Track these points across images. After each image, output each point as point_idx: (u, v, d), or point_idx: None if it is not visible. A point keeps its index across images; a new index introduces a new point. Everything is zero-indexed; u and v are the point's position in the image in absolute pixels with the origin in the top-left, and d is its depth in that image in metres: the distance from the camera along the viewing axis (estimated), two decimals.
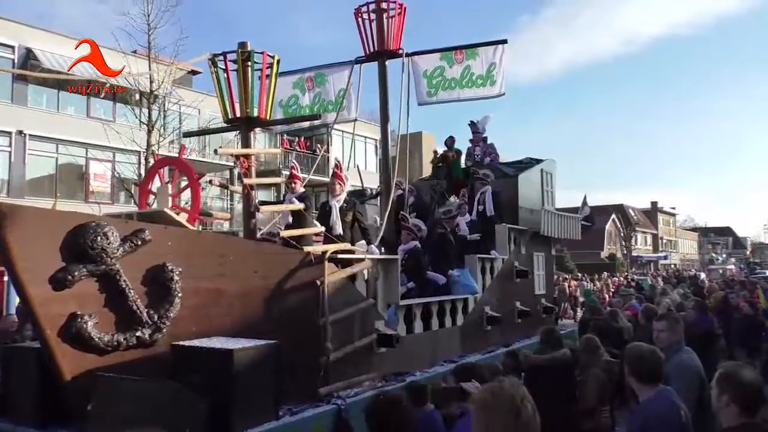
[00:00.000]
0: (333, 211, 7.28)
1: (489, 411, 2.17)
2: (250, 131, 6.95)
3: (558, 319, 25.43)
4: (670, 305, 9.77)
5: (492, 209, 10.29)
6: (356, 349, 6.37)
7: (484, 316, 9.39)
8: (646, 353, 3.73)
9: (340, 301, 6.27)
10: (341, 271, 6.32)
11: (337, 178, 7.39)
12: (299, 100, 9.53)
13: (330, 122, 9.50)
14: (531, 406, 2.18)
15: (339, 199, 7.39)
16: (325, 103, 9.44)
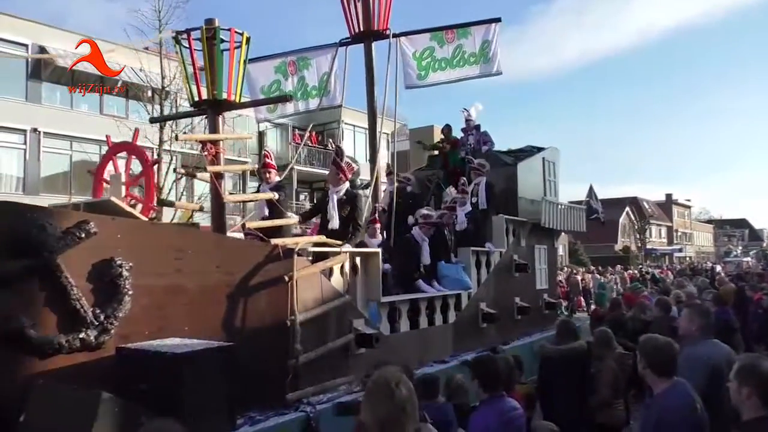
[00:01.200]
0: (330, 204, 6.75)
1: (371, 395, 2.48)
2: (219, 115, 6.48)
3: (572, 312, 25.08)
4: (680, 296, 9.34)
5: (485, 201, 9.73)
6: (331, 351, 5.87)
7: (480, 312, 8.84)
8: (662, 345, 3.68)
9: (313, 299, 5.77)
10: (313, 266, 5.82)
11: (337, 168, 6.86)
12: (282, 85, 9.02)
13: (313, 109, 8.98)
14: (406, 389, 2.43)
15: (338, 191, 6.87)
16: (309, 89, 8.93)
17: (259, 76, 9.12)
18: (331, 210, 6.68)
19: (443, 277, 8.09)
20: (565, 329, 6.01)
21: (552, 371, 5.64)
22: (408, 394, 2.41)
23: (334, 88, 8.88)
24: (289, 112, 9.20)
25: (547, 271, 11.57)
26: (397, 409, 2.37)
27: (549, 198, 11.34)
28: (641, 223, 64.40)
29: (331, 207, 6.69)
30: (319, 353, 5.70)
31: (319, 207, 6.89)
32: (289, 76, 9.03)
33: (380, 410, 2.39)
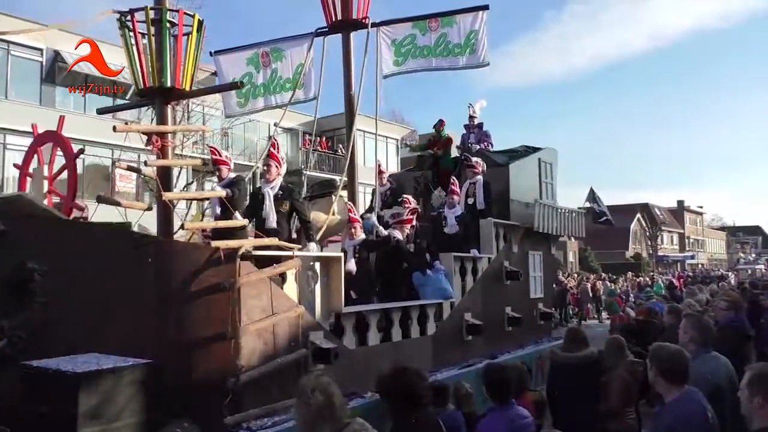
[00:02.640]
0: (266, 201, 6.11)
1: (297, 401, 2.69)
2: (167, 104, 5.89)
3: (582, 320, 24.38)
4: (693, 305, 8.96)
5: (483, 202, 9.09)
6: (281, 367, 5.22)
7: (464, 324, 8.16)
8: (673, 353, 3.65)
9: (260, 308, 5.13)
10: (260, 272, 5.19)
11: (273, 159, 6.23)
12: (254, 78, 8.43)
13: (287, 103, 8.36)
14: (323, 395, 2.56)
15: (273, 186, 6.22)
16: (282, 81, 8.33)
17: (230, 68, 8.56)
18: (267, 208, 6.05)
19: (422, 286, 7.43)
20: (574, 337, 5.95)
21: (562, 379, 5.63)
22: (324, 400, 2.52)
23: (310, 80, 8.27)
24: (259, 106, 8.60)
25: (543, 278, 10.85)
26: (313, 414, 2.50)
27: (545, 201, 10.64)
28: (653, 230, 63.53)
29: (268, 204, 6.06)
30: (267, 370, 5.06)
31: (253, 206, 6.25)
32: (262, 68, 8.44)
33: (299, 415, 2.61)
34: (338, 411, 2.60)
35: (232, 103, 8.65)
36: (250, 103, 8.57)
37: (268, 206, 6.08)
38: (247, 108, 8.62)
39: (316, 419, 2.54)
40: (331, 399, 2.58)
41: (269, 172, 6.20)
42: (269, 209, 6.08)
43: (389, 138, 33.41)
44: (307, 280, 5.73)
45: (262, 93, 8.38)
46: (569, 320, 23.67)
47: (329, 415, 2.55)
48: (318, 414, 2.54)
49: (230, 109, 8.78)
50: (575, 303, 25.97)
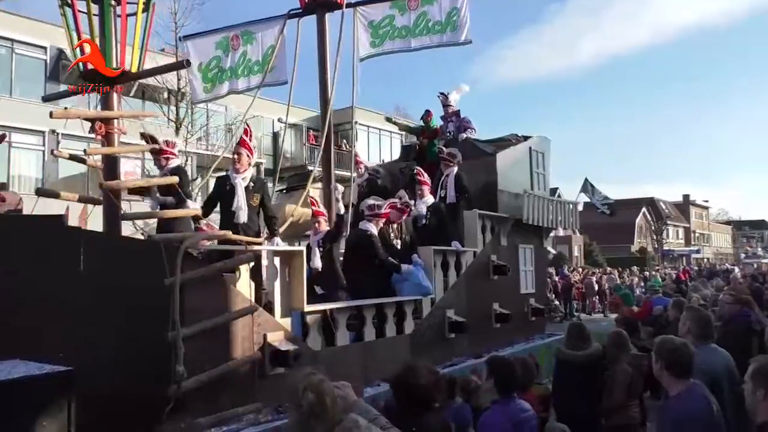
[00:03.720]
0: (237, 192, 5.65)
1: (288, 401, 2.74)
2: (112, 88, 5.45)
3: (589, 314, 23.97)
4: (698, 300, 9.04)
5: (453, 195, 8.59)
6: (233, 372, 4.78)
7: (446, 321, 7.70)
8: (678, 347, 3.65)
9: (208, 308, 4.69)
10: (207, 268, 4.75)
11: (244, 147, 5.78)
12: (221, 62, 7.98)
13: (255, 86, 7.90)
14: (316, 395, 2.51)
15: (245, 177, 5.77)
16: (251, 64, 7.87)
17: (198, 53, 8.13)
18: (239, 200, 5.59)
19: (398, 282, 6.98)
20: (577, 333, 5.93)
21: (568, 375, 5.66)
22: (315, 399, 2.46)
23: (282, 63, 7.80)
24: (223, 92, 8.14)
25: (534, 273, 10.38)
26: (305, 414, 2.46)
27: (536, 192, 10.16)
28: (658, 224, 62.95)
29: (240, 197, 5.60)
30: (215, 376, 4.62)
31: (218, 197, 5.78)
32: (231, 51, 7.98)
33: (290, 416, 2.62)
34: (330, 410, 2.52)
35: (198, 90, 8.20)
36: (216, 89, 8.13)
37: (240, 199, 5.63)
38: (213, 94, 8.18)
39: (308, 419, 2.48)
40: (322, 398, 2.52)
41: (240, 161, 5.75)
42: (241, 202, 5.63)
43: (393, 133, 32.89)
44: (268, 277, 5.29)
45: (228, 77, 7.94)
46: (574, 315, 23.45)
47: (321, 415, 2.49)
48: (310, 414, 2.48)
49: (196, 95, 8.34)
50: (580, 297, 25.64)
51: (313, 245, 6.52)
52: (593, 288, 25.99)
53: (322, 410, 2.51)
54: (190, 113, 20.40)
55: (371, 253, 6.55)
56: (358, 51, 7.80)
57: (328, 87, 7.72)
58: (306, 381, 2.56)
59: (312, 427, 2.48)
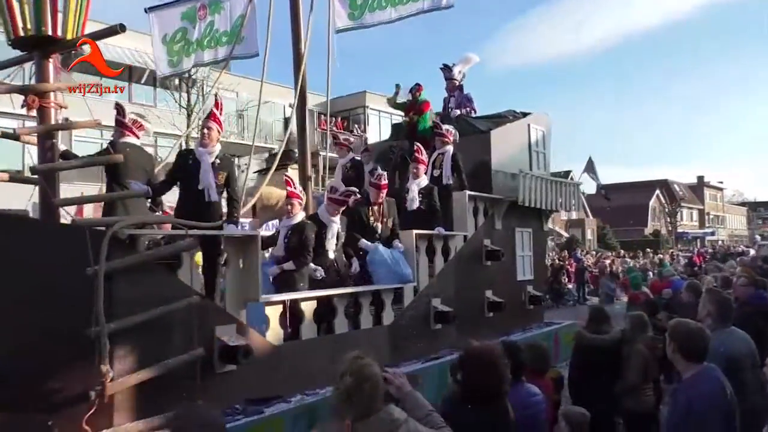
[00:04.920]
0: (203, 168, 5.10)
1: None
2: (48, 57, 4.90)
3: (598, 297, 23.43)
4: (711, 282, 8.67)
5: (450, 175, 8.01)
6: (170, 371, 4.26)
7: (432, 311, 7.14)
8: (693, 330, 3.63)
9: (143, 300, 4.16)
10: (139, 255, 4.22)
11: (214, 121, 5.22)
12: (188, 33, 7.39)
13: (222, 58, 7.31)
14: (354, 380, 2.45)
15: (211, 152, 5.21)
16: (219, 35, 7.28)
17: (163, 25, 7.57)
18: (206, 178, 5.03)
19: (373, 268, 6.42)
20: (598, 316, 5.83)
21: (587, 360, 5.55)
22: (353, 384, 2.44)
23: (252, 34, 7.20)
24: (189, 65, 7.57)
25: (533, 258, 9.77)
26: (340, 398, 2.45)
27: (535, 172, 9.52)
28: (672, 206, 61.88)
29: (207, 172, 5.04)
30: (148, 375, 4.10)
31: (179, 174, 5.22)
32: (197, 22, 7.40)
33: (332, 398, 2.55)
34: (367, 397, 2.45)
35: (162, 63, 7.64)
36: (182, 62, 7.57)
37: (207, 176, 5.07)
38: (179, 68, 7.62)
39: (343, 403, 2.45)
40: (361, 383, 2.46)
41: (209, 136, 5.19)
42: (210, 179, 5.07)
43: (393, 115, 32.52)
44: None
45: (194, 49, 7.36)
46: (587, 298, 22.96)
47: (357, 401, 2.44)
48: (346, 398, 2.44)
49: (161, 69, 7.77)
50: (593, 281, 25.12)
51: (281, 231, 5.96)
52: (606, 271, 25.40)
53: (359, 396, 2.44)
54: (202, 100, 20.35)
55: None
56: (334, 22, 7.17)
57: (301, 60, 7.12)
58: (348, 364, 2.50)
59: (346, 412, 2.44)
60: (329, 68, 7.44)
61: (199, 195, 5.10)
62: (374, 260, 6.34)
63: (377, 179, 6.78)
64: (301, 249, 5.77)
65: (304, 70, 7.06)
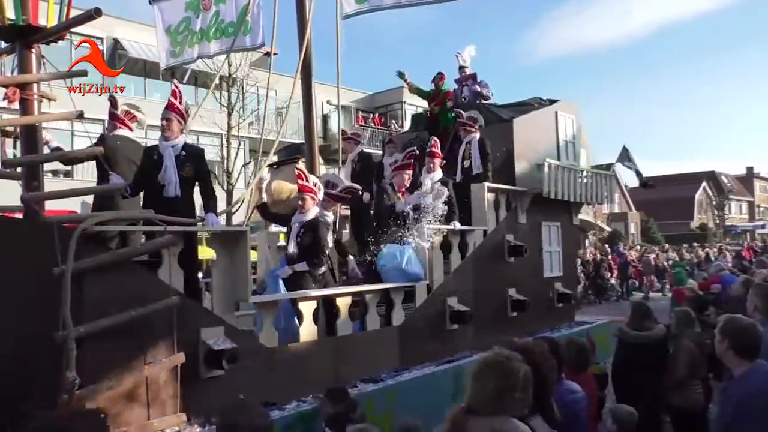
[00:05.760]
0: (165, 162, 4.83)
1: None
2: (29, 47, 4.68)
3: (645, 293, 22.66)
4: (765, 276, 8.17)
5: (480, 164, 7.60)
6: (147, 378, 3.98)
7: (447, 311, 6.73)
8: (746, 326, 3.52)
9: (117, 301, 3.88)
10: (113, 254, 3.94)
11: (173, 111, 4.93)
12: (192, 24, 7.14)
13: (227, 50, 7.03)
14: (498, 377, 2.41)
15: (175, 144, 4.93)
16: (224, 26, 7.00)
17: (168, 16, 7.35)
18: (167, 172, 4.74)
19: (383, 267, 6.05)
20: (640, 311, 5.75)
21: (631, 357, 5.50)
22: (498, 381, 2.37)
23: (258, 24, 6.89)
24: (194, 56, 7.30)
25: (561, 254, 9.23)
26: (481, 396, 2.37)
27: (563, 162, 8.97)
28: (719, 199, 59.65)
29: (169, 167, 4.75)
30: (122, 383, 3.82)
31: (146, 170, 4.94)
32: (202, 12, 7.14)
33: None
34: (506, 398, 2.37)
35: (165, 54, 7.42)
36: (186, 53, 7.32)
37: (168, 170, 4.79)
38: (183, 58, 7.37)
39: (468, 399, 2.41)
40: (501, 381, 2.39)
41: (169, 128, 4.90)
42: (171, 174, 4.79)
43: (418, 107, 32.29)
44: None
45: (199, 39, 7.11)
46: (631, 294, 22.43)
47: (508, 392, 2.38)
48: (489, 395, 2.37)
49: (164, 60, 7.55)
50: (637, 276, 24.33)
51: (293, 227, 5.64)
52: (651, 266, 24.70)
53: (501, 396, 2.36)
54: (242, 98, 20.52)
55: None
56: (341, 7, 6.81)
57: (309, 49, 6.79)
58: (488, 359, 2.44)
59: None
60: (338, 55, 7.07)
61: (160, 191, 4.81)
62: (385, 266, 5.97)
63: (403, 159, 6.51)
64: (315, 249, 5.46)
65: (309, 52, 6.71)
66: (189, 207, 4.86)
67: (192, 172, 4.86)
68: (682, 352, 5.39)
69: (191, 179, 4.88)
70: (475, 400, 2.38)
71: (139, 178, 4.88)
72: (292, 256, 5.71)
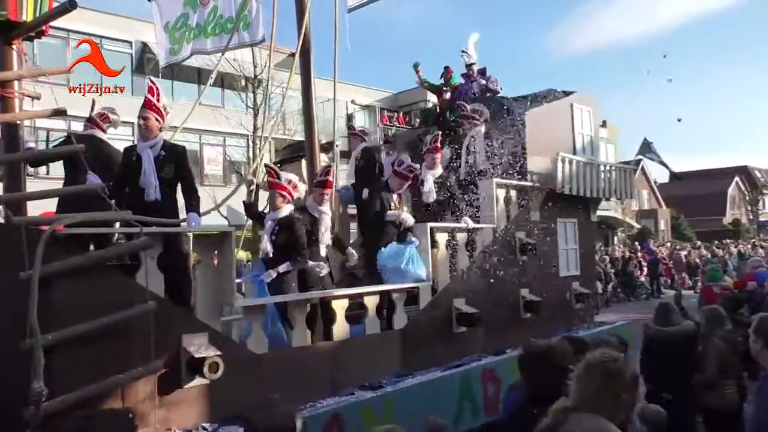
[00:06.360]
0: (144, 164, 4.63)
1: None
2: (10, 43, 4.55)
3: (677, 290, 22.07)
4: None
5: (485, 159, 7.31)
6: (120, 389, 3.77)
7: (453, 313, 6.43)
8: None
9: (89, 307, 3.69)
10: (85, 257, 3.75)
11: (151, 109, 4.73)
12: (189, 19, 6.96)
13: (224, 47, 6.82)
14: (601, 377, 2.36)
15: (154, 144, 4.73)
16: (223, 21, 6.80)
17: (165, 12, 7.18)
18: (146, 174, 4.54)
19: (383, 268, 5.79)
20: (663, 308, 5.71)
21: (657, 353, 5.47)
22: (600, 380, 2.34)
23: (257, 19, 6.69)
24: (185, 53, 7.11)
25: (579, 252, 8.85)
26: (582, 394, 2.36)
27: (578, 157, 8.59)
28: (753, 194, 57.98)
29: (148, 169, 4.55)
30: (93, 394, 3.63)
31: (126, 173, 4.74)
32: (199, 6, 6.96)
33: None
34: (609, 399, 2.32)
35: (164, 52, 7.26)
36: (184, 50, 7.15)
37: (147, 173, 4.60)
38: (180, 56, 7.20)
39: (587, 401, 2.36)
40: (604, 382, 2.34)
41: (147, 127, 4.70)
42: (150, 177, 4.60)
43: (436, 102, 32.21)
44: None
45: (196, 35, 6.92)
46: (662, 292, 21.70)
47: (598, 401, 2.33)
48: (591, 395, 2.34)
49: (162, 58, 7.38)
50: (668, 273, 23.70)
51: (266, 225, 5.41)
52: (682, 263, 24.06)
53: (602, 395, 2.32)
54: (267, 99, 20.53)
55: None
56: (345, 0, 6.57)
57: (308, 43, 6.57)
58: (595, 358, 2.39)
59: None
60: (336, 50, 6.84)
61: (140, 194, 4.61)
62: (385, 267, 5.71)
63: (405, 170, 6.23)
64: (294, 247, 5.23)
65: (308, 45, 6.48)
66: (172, 210, 4.66)
67: (173, 173, 4.66)
68: (712, 351, 5.28)
69: (173, 180, 4.68)
70: (579, 401, 2.35)
71: (119, 182, 4.69)
72: (266, 255, 5.51)
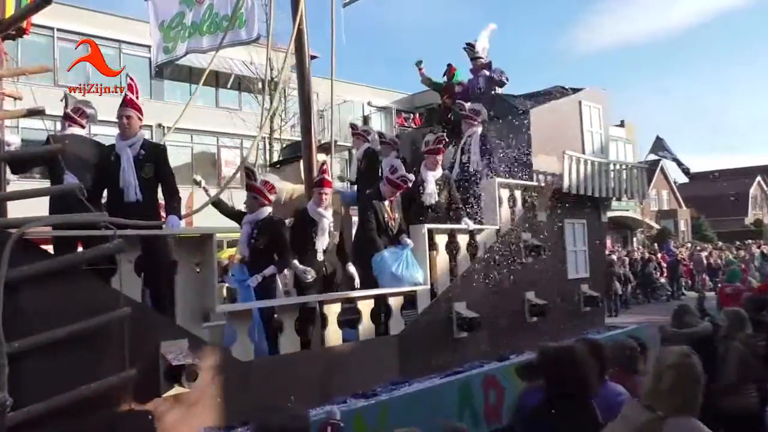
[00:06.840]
0: (123, 164, 4.48)
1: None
2: None
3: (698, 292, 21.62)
4: None
5: (479, 160, 7.07)
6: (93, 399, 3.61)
7: (454, 317, 6.21)
8: None
9: (58, 313, 3.54)
10: (54, 261, 3.59)
11: (131, 106, 4.58)
12: (185, 17, 6.82)
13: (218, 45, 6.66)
14: (673, 378, 2.43)
15: (133, 143, 4.56)
16: (219, 19, 6.64)
17: (161, 11, 7.05)
18: (125, 174, 4.38)
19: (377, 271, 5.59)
20: (679, 309, 5.66)
21: None
22: (672, 382, 2.40)
23: (253, 16, 6.52)
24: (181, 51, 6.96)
25: (588, 254, 8.57)
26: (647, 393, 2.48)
27: (587, 156, 8.32)
28: None
29: (127, 169, 4.40)
30: (64, 404, 3.47)
31: (104, 173, 4.58)
32: (195, 5, 6.81)
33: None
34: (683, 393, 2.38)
35: (159, 51, 7.12)
36: (179, 48, 7.01)
37: (126, 172, 4.45)
38: (174, 54, 7.05)
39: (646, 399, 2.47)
40: (676, 383, 2.40)
41: (128, 125, 4.55)
42: (129, 176, 4.44)
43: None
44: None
45: (191, 33, 6.78)
46: (684, 293, 21.38)
47: (660, 397, 2.39)
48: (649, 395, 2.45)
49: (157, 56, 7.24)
50: (688, 275, 23.24)
51: (244, 227, 5.22)
52: (702, 264, 23.58)
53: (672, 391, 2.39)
54: (283, 102, 20.68)
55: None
56: None
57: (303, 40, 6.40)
58: (670, 358, 2.43)
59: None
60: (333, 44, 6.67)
61: (120, 195, 4.46)
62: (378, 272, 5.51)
63: (398, 179, 6.00)
64: (278, 249, 5.04)
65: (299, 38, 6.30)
66: (153, 211, 4.50)
67: (152, 172, 4.50)
68: (732, 355, 5.08)
69: (153, 180, 4.52)
70: (654, 401, 2.39)
71: (97, 182, 4.54)
72: (243, 259, 5.32)
